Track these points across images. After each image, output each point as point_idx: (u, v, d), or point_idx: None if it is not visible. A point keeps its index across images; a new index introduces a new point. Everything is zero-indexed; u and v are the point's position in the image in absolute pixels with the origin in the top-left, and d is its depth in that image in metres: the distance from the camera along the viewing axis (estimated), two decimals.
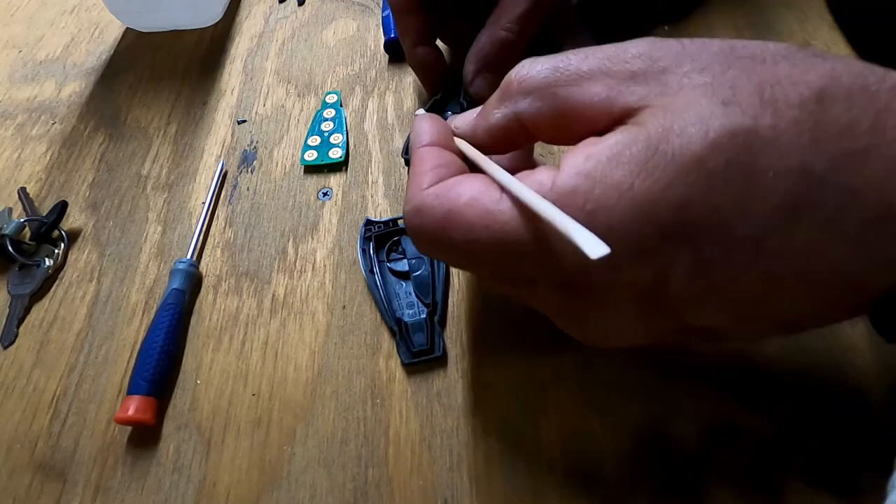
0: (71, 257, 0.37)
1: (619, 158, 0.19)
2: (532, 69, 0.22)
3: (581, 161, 0.20)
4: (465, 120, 0.26)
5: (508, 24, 0.36)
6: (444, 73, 0.40)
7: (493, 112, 0.24)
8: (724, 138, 0.18)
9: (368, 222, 0.35)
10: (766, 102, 0.18)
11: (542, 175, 0.21)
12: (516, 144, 0.25)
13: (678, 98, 0.19)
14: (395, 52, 0.44)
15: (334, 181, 0.38)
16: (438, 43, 0.40)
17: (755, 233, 0.18)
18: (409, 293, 0.32)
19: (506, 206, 0.21)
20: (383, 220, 0.35)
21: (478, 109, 0.25)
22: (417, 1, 0.37)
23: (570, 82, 0.21)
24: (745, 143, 0.18)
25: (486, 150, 0.25)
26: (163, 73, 0.46)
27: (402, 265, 0.33)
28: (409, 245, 0.33)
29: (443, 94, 0.39)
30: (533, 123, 0.23)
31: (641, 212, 0.19)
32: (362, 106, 0.42)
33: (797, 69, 0.19)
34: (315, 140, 0.40)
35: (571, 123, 0.21)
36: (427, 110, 0.39)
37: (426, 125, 0.26)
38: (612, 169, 0.19)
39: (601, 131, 0.21)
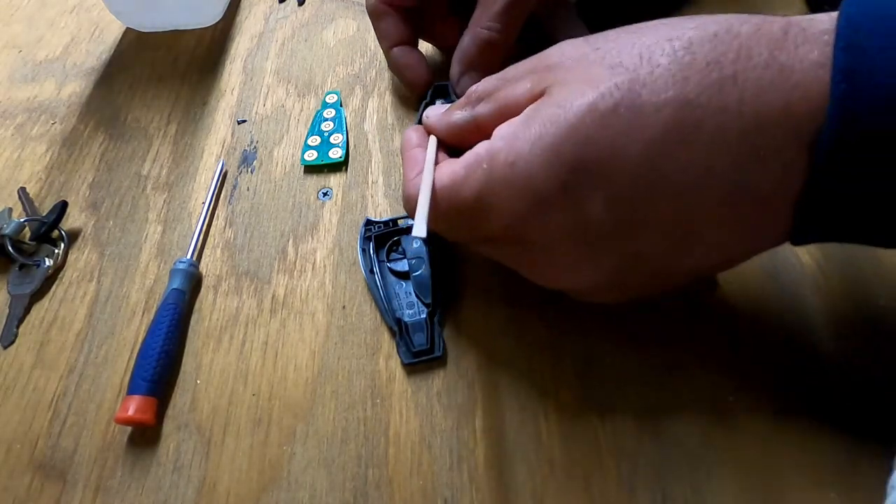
0: (71, 257, 0.37)
1: (530, 119, 0.24)
2: (487, 81, 0.28)
3: (504, 127, 0.25)
4: (434, 112, 0.31)
5: (489, 22, 0.36)
6: (428, 72, 0.40)
7: (455, 113, 0.29)
8: (611, 88, 0.22)
9: (368, 222, 0.35)
10: (645, 59, 0.23)
11: (480, 147, 0.26)
12: (472, 142, 0.28)
13: (577, 72, 0.24)
14: None
15: (334, 181, 0.38)
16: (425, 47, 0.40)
17: (650, 155, 0.22)
18: (409, 293, 0.32)
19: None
20: (383, 220, 0.35)
21: (447, 105, 0.31)
22: (387, 6, 0.38)
23: (508, 84, 0.27)
24: (628, 88, 0.22)
25: (450, 145, 0.30)
26: (163, 73, 0.46)
27: (402, 265, 0.33)
28: (409, 245, 0.33)
29: (432, 95, 0.39)
30: (484, 122, 0.27)
31: (550, 153, 0.23)
32: (362, 106, 0.42)
33: (674, 29, 0.23)
34: (315, 140, 0.40)
35: (511, 115, 0.26)
36: (422, 110, 0.39)
37: (412, 133, 0.31)
38: (525, 127, 0.24)
39: None
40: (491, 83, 0.28)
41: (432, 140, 0.30)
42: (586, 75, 0.23)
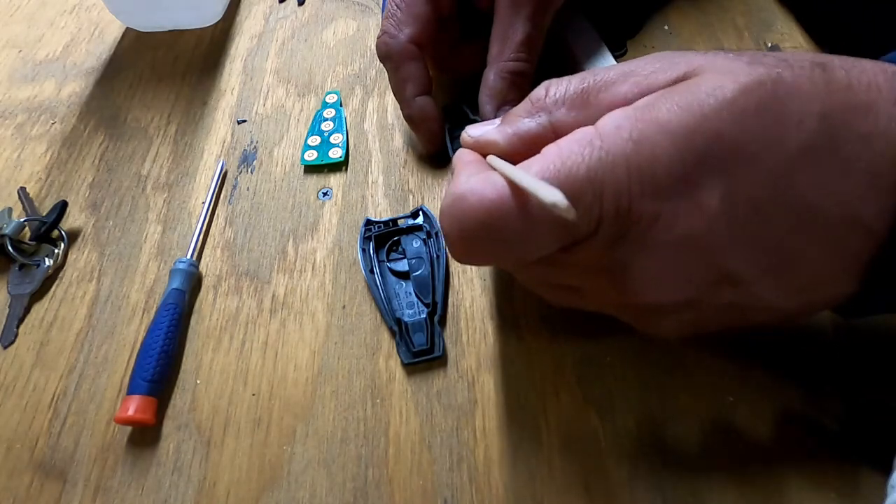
0: (71, 257, 0.37)
1: (658, 102, 0.22)
2: (561, 86, 0.24)
3: (617, 113, 0.22)
4: (483, 128, 0.26)
5: (514, 53, 0.34)
6: (443, 126, 0.37)
7: (523, 121, 0.25)
8: (753, 84, 0.21)
9: (368, 222, 0.35)
10: (783, 62, 0.21)
11: (584, 130, 0.22)
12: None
13: (707, 68, 0.22)
14: None
15: (334, 181, 0.38)
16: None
17: (781, 168, 0.21)
18: (409, 293, 0.32)
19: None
20: (383, 219, 0.35)
21: (494, 121, 0.26)
22: (420, 48, 0.35)
23: (601, 89, 0.24)
24: (772, 88, 0.21)
25: (512, 158, 0.24)
26: (163, 73, 0.46)
27: (402, 265, 0.33)
28: (408, 245, 0.33)
29: (450, 125, 0.38)
30: (567, 127, 0.24)
31: (681, 140, 0.21)
32: (362, 106, 0.42)
33: (797, 55, 0.22)
34: (315, 140, 0.40)
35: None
36: (447, 136, 0.37)
37: (463, 152, 0.27)
38: (653, 109, 0.21)
39: None
40: (570, 88, 0.24)
41: (494, 158, 0.25)
42: (719, 66, 0.21)
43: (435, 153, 0.38)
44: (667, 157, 0.21)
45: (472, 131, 0.26)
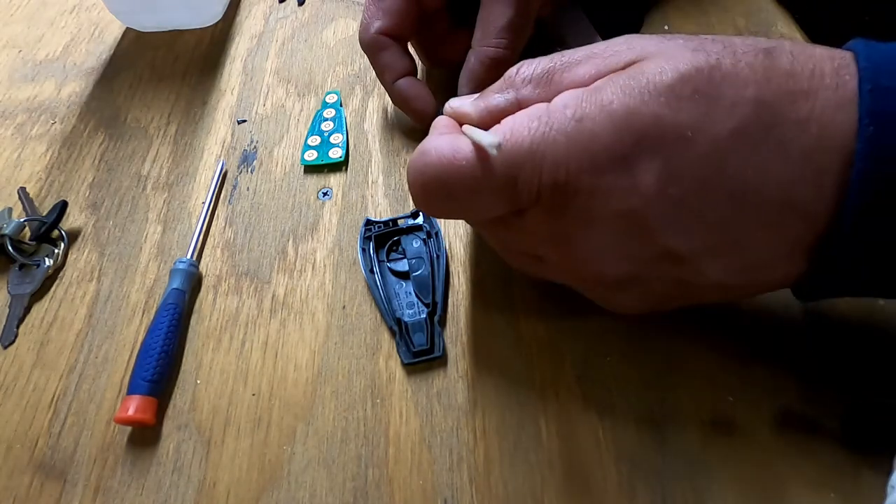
0: (71, 257, 0.37)
1: (600, 87, 0.23)
2: (531, 66, 0.26)
3: (567, 93, 0.24)
4: (462, 101, 0.28)
5: (495, 39, 0.35)
6: (435, 102, 0.38)
7: (494, 96, 0.27)
8: (691, 71, 0.22)
9: (368, 222, 0.35)
10: (728, 49, 0.22)
11: (536, 106, 0.24)
12: None
13: (655, 52, 0.23)
14: None
15: (334, 181, 0.38)
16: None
17: (714, 150, 0.22)
18: (409, 293, 0.32)
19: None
20: (383, 219, 0.35)
21: (473, 95, 0.28)
22: (394, 38, 0.37)
23: (564, 69, 0.25)
24: (708, 76, 0.22)
25: (484, 129, 0.27)
26: (163, 73, 0.46)
27: (402, 265, 0.33)
28: (408, 245, 0.33)
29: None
30: (531, 103, 0.25)
31: (620, 120, 0.22)
32: (362, 106, 0.42)
33: (748, 41, 0.23)
34: (315, 140, 0.40)
35: None
36: None
37: (441, 118, 0.29)
38: (595, 92, 0.23)
39: None
40: (538, 68, 0.26)
41: (467, 126, 0.27)
42: (664, 53, 0.23)
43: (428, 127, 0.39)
44: (606, 135, 0.22)
45: (453, 103, 0.28)
